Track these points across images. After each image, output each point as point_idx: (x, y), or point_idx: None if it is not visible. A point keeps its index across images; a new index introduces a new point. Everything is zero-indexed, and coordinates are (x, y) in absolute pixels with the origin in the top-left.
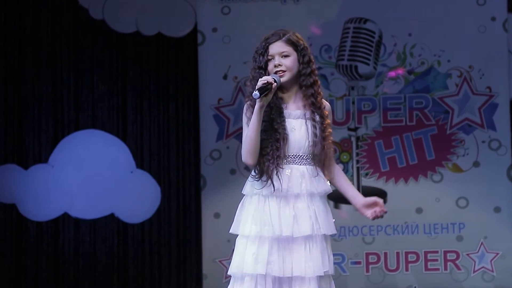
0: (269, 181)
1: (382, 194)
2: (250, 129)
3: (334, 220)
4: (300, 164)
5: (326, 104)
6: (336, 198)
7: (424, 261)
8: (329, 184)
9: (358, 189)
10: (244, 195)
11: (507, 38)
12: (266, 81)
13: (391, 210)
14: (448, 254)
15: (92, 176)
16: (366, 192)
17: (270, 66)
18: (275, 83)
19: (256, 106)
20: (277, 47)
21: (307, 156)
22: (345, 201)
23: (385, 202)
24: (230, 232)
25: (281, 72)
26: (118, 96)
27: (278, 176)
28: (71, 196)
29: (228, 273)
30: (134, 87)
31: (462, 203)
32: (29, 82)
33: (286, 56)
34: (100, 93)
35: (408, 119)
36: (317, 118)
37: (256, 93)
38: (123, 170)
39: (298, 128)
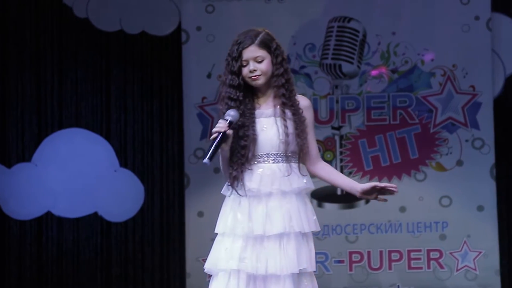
0: (237, 188)
1: None
2: (221, 156)
3: (315, 217)
4: (273, 163)
5: (301, 99)
6: (320, 197)
7: (407, 259)
8: (305, 181)
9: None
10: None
11: (491, 37)
12: (216, 134)
13: (375, 209)
14: (431, 252)
15: (76, 175)
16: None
17: (245, 71)
18: (229, 128)
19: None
20: (250, 52)
21: (279, 154)
22: (329, 199)
23: (368, 201)
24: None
25: (256, 76)
26: (102, 94)
27: (242, 180)
28: (54, 194)
29: (204, 269)
30: (118, 85)
31: (445, 202)
32: (12, 80)
33: (260, 60)
34: (84, 92)
35: (392, 118)
36: (289, 115)
37: (206, 161)
38: (107, 168)
39: (269, 127)
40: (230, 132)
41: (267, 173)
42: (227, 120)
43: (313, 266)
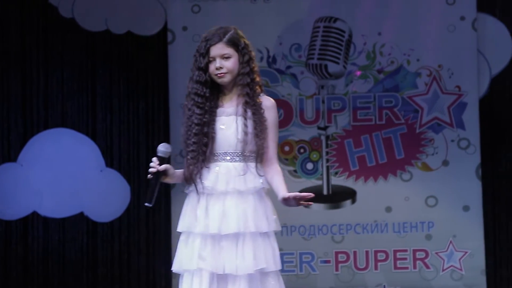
0: (196, 183)
1: (351, 193)
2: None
3: (275, 217)
4: (230, 161)
5: (265, 100)
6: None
7: (393, 259)
8: (262, 181)
9: (328, 188)
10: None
11: (476, 38)
12: (151, 175)
13: (360, 209)
14: (417, 252)
15: (61, 175)
16: (336, 191)
17: (211, 68)
18: (161, 165)
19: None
20: (218, 50)
21: (237, 153)
22: (315, 200)
23: (354, 201)
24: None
25: (222, 74)
26: (88, 94)
27: (200, 177)
28: (40, 195)
29: (172, 271)
30: (104, 85)
31: (431, 202)
32: None
33: (227, 58)
34: (70, 92)
35: (378, 118)
36: (250, 114)
37: (147, 204)
38: (93, 168)
39: (228, 125)
40: (163, 167)
41: (223, 172)
42: (158, 157)
43: (277, 265)
